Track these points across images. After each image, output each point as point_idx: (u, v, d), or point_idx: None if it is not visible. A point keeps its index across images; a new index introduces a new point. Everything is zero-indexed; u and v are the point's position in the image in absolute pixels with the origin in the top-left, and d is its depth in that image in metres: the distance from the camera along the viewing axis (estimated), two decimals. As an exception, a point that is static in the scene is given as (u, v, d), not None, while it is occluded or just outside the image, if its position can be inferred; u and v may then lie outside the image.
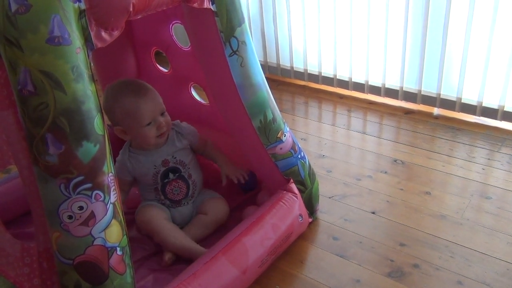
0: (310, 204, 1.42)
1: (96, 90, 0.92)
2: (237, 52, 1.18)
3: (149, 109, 1.27)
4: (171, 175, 1.36)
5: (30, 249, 1.04)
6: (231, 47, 1.16)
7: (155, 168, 1.35)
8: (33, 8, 0.81)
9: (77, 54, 0.86)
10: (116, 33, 0.93)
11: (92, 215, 0.92)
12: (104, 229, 0.94)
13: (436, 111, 2.08)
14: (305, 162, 1.39)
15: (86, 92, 0.89)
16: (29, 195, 0.97)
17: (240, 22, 1.17)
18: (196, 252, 1.25)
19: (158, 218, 1.32)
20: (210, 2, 1.10)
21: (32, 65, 0.83)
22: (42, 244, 1.00)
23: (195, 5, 1.06)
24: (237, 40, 1.17)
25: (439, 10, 1.87)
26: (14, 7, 0.81)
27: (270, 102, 1.28)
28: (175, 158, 1.36)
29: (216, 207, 1.39)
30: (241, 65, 1.19)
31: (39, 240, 1.00)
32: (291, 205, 1.31)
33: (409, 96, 2.11)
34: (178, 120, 1.43)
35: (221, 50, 1.16)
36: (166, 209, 1.38)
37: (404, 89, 2.11)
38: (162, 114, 1.30)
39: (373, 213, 1.48)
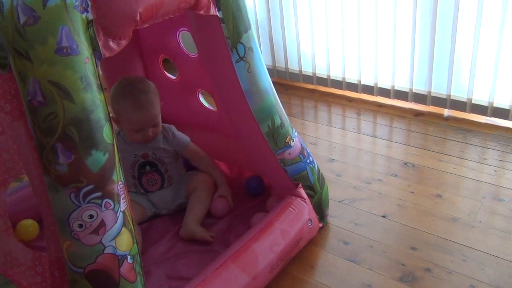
0: (320, 209, 1.41)
1: (105, 99, 0.93)
2: (244, 58, 1.18)
3: (141, 122, 1.38)
4: (147, 168, 1.47)
5: (42, 258, 1.05)
6: (238, 53, 1.17)
7: (135, 157, 1.46)
8: (41, 20, 0.82)
9: (86, 64, 0.87)
10: (123, 42, 0.94)
11: (102, 224, 0.92)
12: (115, 238, 0.94)
13: (446, 112, 2.07)
14: (314, 166, 1.39)
15: (95, 101, 0.89)
16: (40, 204, 0.98)
17: (247, 28, 1.17)
18: None
19: None
20: (216, 9, 1.10)
21: (41, 75, 0.84)
22: (54, 253, 1.01)
23: (202, 12, 1.07)
24: (244, 46, 1.17)
25: (448, 10, 1.86)
26: (23, 18, 0.82)
27: (278, 107, 1.28)
28: (155, 154, 1.46)
29: (202, 179, 1.50)
30: (248, 71, 1.19)
31: (50, 249, 1.01)
32: (300, 210, 1.31)
33: (419, 98, 2.09)
34: (173, 126, 1.50)
35: (228, 56, 1.16)
36: (143, 201, 1.48)
37: (413, 90, 2.10)
38: (154, 125, 1.40)
39: (384, 217, 1.48)
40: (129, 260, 0.97)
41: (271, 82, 1.27)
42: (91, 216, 0.91)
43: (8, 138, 0.99)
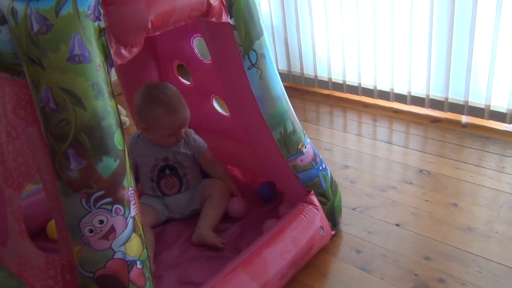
0: (333, 217, 1.40)
1: (116, 106, 0.94)
2: (256, 65, 1.18)
3: (178, 125, 1.41)
4: (167, 171, 1.48)
5: (54, 262, 1.06)
6: (250, 60, 1.17)
7: (155, 161, 1.47)
8: (54, 28, 0.84)
9: (97, 72, 0.88)
10: (135, 50, 0.95)
11: (112, 229, 0.93)
12: (124, 243, 0.95)
13: (464, 119, 2.03)
14: (326, 173, 1.38)
15: (106, 108, 0.90)
16: (53, 208, 1.00)
17: (259, 35, 1.17)
18: None
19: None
20: (228, 16, 1.11)
21: (53, 83, 0.86)
22: (66, 257, 1.02)
23: (213, 19, 1.07)
24: (256, 53, 1.17)
25: (465, 14, 1.83)
26: (36, 27, 0.83)
27: (290, 114, 1.28)
28: (176, 158, 1.48)
29: (217, 187, 1.51)
30: (260, 77, 1.19)
31: (62, 253, 1.02)
32: (312, 217, 1.30)
33: (436, 104, 2.06)
34: (192, 130, 1.52)
35: (240, 63, 1.17)
36: (158, 205, 1.48)
37: (430, 96, 2.07)
38: (184, 126, 1.43)
39: (398, 225, 1.46)
40: (139, 265, 0.97)
41: (284, 89, 1.27)
42: (101, 222, 0.92)
43: (23, 143, 1.02)
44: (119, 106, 2.42)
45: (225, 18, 1.10)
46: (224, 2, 1.08)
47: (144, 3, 0.91)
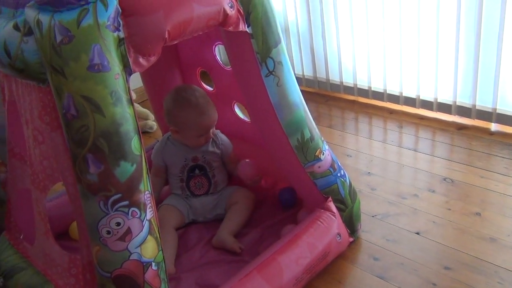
0: (351, 223, 1.40)
1: (135, 112, 0.97)
2: (273, 72, 1.20)
3: (206, 125, 1.46)
4: (197, 171, 1.52)
5: (76, 261, 1.11)
6: (267, 67, 1.19)
7: (185, 161, 1.51)
8: (75, 39, 0.88)
9: (116, 80, 0.92)
10: (153, 59, 0.98)
11: (129, 231, 0.97)
12: (140, 245, 0.98)
13: (493, 126, 1.98)
14: (345, 180, 1.38)
15: (124, 115, 0.94)
16: (75, 210, 1.05)
17: (276, 43, 1.19)
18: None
19: (165, 222, 1.44)
20: (246, 25, 1.13)
21: (74, 91, 0.90)
22: (86, 256, 1.07)
23: (230, 28, 1.10)
24: (273, 61, 1.19)
25: (493, 20, 1.79)
26: (59, 38, 0.88)
27: (308, 120, 1.29)
28: (205, 158, 1.52)
29: (244, 195, 1.53)
30: (277, 85, 1.21)
31: (83, 253, 1.07)
32: (329, 224, 1.30)
33: (463, 111, 2.02)
34: (219, 131, 1.56)
35: (258, 70, 1.19)
36: (183, 207, 1.51)
37: (457, 103, 2.03)
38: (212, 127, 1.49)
39: (418, 233, 1.44)
40: (154, 267, 1.00)
41: (301, 96, 1.28)
42: (118, 224, 0.96)
43: (48, 147, 1.07)
44: (147, 111, 2.49)
45: (243, 27, 1.12)
46: (242, 11, 1.11)
47: (161, 14, 0.94)
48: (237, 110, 1.64)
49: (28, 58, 0.93)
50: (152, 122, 2.31)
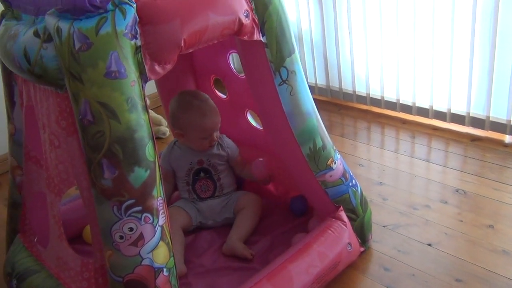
0: (362, 233, 1.40)
1: (149, 119, 0.99)
2: (286, 82, 1.20)
3: (210, 127, 1.49)
4: (202, 174, 1.55)
5: (89, 265, 1.12)
6: (280, 76, 1.20)
7: (190, 164, 1.54)
8: (94, 46, 0.90)
9: (132, 87, 0.94)
10: (168, 67, 1.00)
11: (141, 236, 0.98)
12: (152, 250, 0.99)
13: (507, 138, 1.97)
14: (356, 190, 1.38)
15: (139, 121, 0.95)
16: (88, 214, 1.06)
17: (290, 52, 1.20)
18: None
19: (172, 222, 1.39)
20: (260, 34, 1.14)
21: (91, 97, 0.92)
22: (99, 260, 1.08)
23: (245, 38, 1.11)
24: (287, 70, 1.20)
25: (508, 31, 1.78)
26: (77, 45, 0.90)
27: (320, 129, 1.29)
28: (210, 161, 1.55)
29: (252, 199, 1.55)
30: (290, 94, 1.22)
31: (96, 257, 1.08)
32: (340, 233, 1.30)
33: (477, 122, 2.01)
34: (224, 135, 1.60)
35: (271, 79, 1.20)
36: (191, 210, 1.53)
37: (471, 114, 2.02)
38: (216, 130, 1.51)
39: (429, 245, 1.43)
40: (165, 272, 1.01)
41: (314, 105, 1.29)
42: (131, 229, 0.97)
43: (64, 152, 1.09)
44: (160, 117, 2.51)
45: (257, 36, 1.14)
46: (257, 21, 1.12)
47: (178, 22, 0.96)
48: (250, 118, 1.65)
49: (47, 64, 0.95)
50: (165, 128, 2.33)
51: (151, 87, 1.87)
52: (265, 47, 1.16)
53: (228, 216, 1.55)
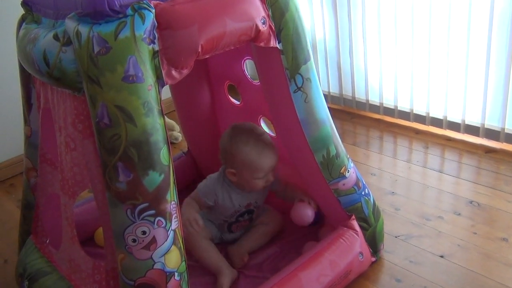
0: (374, 243, 1.39)
1: (165, 123, 0.99)
2: (301, 89, 1.21)
3: (268, 167, 1.36)
4: (246, 216, 1.46)
5: (100, 267, 1.13)
6: (296, 83, 1.20)
7: (239, 207, 1.43)
8: (112, 50, 0.91)
9: (149, 91, 0.95)
10: (185, 72, 1.00)
11: (154, 240, 0.98)
12: (164, 254, 0.99)
13: (522, 151, 1.95)
14: (369, 199, 1.37)
15: (155, 125, 0.96)
16: (102, 216, 1.06)
17: (306, 59, 1.20)
18: (224, 271, 1.33)
19: (196, 236, 1.38)
20: (277, 41, 1.15)
21: (108, 100, 0.92)
22: (110, 263, 1.08)
23: (262, 44, 1.11)
24: (302, 77, 1.20)
25: (525, 45, 1.77)
26: (96, 48, 0.91)
27: (334, 137, 1.29)
28: (257, 203, 1.46)
29: (275, 218, 1.51)
30: (305, 101, 1.22)
31: (108, 260, 1.09)
32: (352, 242, 1.30)
33: (491, 134, 1.99)
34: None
35: (286, 86, 1.20)
36: (210, 225, 1.45)
37: (485, 126, 2.00)
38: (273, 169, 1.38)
39: (442, 256, 1.42)
40: (177, 277, 1.01)
41: (329, 113, 1.29)
42: (144, 232, 0.97)
43: (79, 154, 1.09)
44: (173, 122, 2.52)
45: (274, 43, 1.14)
46: (273, 28, 1.12)
47: (196, 28, 0.96)
48: (263, 124, 1.66)
49: (65, 67, 0.96)
50: (177, 133, 2.34)
51: (164, 92, 1.88)
52: (281, 54, 1.16)
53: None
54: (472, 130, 2.05)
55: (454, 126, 2.10)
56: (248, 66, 1.59)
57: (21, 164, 1.71)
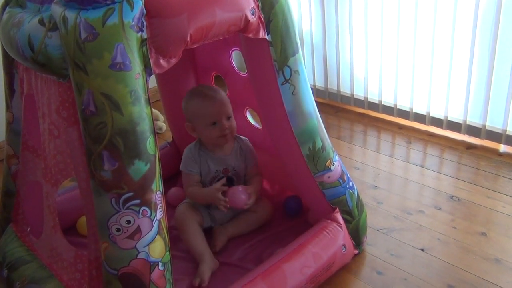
0: (357, 236, 1.40)
1: (152, 112, 0.98)
2: (289, 81, 1.21)
3: (213, 110, 1.41)
4: (227, 184, 1.45)
5: (82, 256, 1.12)
6: (284, 75, 1.20)
7: (215, 172, 1.47)
8: (100, 37, 0.89)
9: (136, 79, 0.93)
10: (173, 61, 0.99)
11: (138, 230, 0.97)
12: (148, 244, 0.99)
13: (502, 148, 1.98)
14: (353, 192, 1.39)
15: (142, 114, 0.95)
16: (85, 205, 1.05)
17: (294, 52, 1.20)
18: (207, 260, 1.34)
19: (189, 219, 1.42)
20: (266, 32, 1.14)
21: (95, 87, 0.91)
22: (93, 252, 1.07)
23: (250, 35, 1.11)
24: (290, 69, 1.20)
25: (508, 41, 1.80)
26: (83, 35, 0.89)
27: (320, 130, 1.29)
28: (235, 170, 1.49)
29: (265, 207, 1.51)
30: (293, 93, 1.22)
31: (91, 249, 1.08)
32: (335, 235, 1.31)
33: (473, 131, 2.03)
34: (247, 138, 1.54)
35: (274, 78, 1.20)
36: (204, 212, 1.47)
37: (467, 122, 2.03)
38: (228, 118, 1.43)
39: (422, 250, 1.44)
40: (160, 267, 1.01)
41: (316, 106, 1.29)
42: (128, 222, 0.97)
43: (63, 142, 1.08)
44: (157, 112, 2.48)
45: (262, 34, 1.13)
46: (262, 19, 1.12)
47: (185, 17, 0.95)
48: (249, 116, 1.65)
49: (51, 53, 0.94)
50: (161, 123, 2.32)
51: (150, 81, 1.86)
52: (270, 45, 1.16)
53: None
54: (454, 126, 2.08)
55: (436, 122, 2.13)
56: (236, 58, 1.59)
57: (1, 151, 1.67)
